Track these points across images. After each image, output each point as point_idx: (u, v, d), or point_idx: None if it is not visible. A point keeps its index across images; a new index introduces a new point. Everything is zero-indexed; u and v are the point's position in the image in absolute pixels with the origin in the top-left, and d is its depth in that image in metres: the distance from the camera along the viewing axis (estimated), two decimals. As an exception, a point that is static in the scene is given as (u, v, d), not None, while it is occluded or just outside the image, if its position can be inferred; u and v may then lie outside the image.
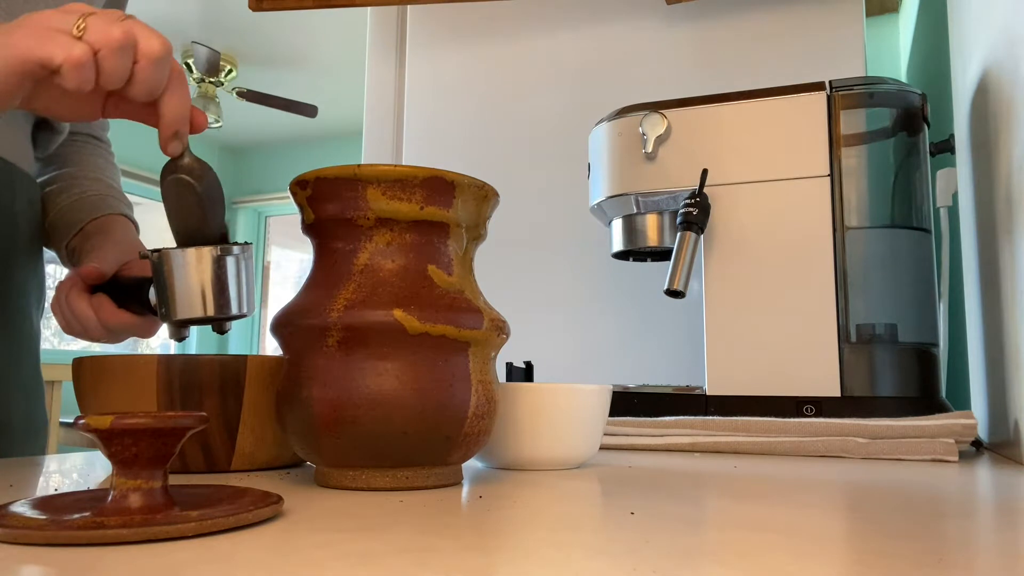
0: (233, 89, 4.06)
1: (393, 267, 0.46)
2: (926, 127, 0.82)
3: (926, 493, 0.46)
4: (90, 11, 0.55)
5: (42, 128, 0.84)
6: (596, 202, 0.92)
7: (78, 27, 0.54)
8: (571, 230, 1.23)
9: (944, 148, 0.89)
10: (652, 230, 0.90)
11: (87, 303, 0.74)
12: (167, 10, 3.51)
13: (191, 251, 0.68)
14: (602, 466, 0.61)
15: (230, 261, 0.69)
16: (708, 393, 0.81)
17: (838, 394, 0.76)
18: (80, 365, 0.55)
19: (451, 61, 1.34)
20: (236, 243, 0.71)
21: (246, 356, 0.54)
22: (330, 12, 3.59)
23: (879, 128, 0.80)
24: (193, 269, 0.67)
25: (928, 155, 0.83)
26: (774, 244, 0.81)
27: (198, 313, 0.68)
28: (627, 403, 0.85)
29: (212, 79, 4.07)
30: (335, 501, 0.41)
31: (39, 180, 0.86)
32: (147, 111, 0.59)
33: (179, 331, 0.71)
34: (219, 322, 0.71)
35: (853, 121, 0.80)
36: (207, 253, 0.67)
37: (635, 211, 0.90)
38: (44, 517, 0.32)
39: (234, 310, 0.70)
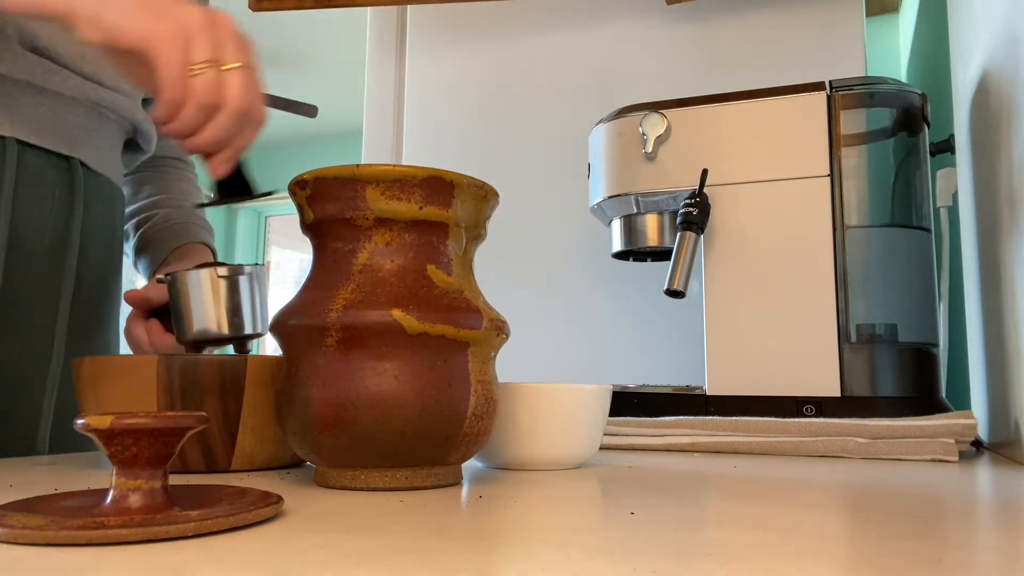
0: (233, 89, 4.05)
1: (392, 267, 0.46)
2: (926, 127, 0.82)
3: (926, 493, 0.46)
4: (215, 57, 0.58)
5: (129, 147, 0.89)
6: (596, 202, 0.92)
7: (196, 69, 0.57)
8: (571, 230, 1.23)
9: (944, 148, 0.89)
10: (652, 230, 0.90)
11: (142, 327, 0.80)
12: (167, 10, 3.51)
13: (204, 272, 0.69)
14: (602, 466, 0.61)
15: (243, 281, 0.70)
16: (708, 393, 0.81)
17: (838, 394, 0.76)
18: (80, 365, 0.55)
19: (451, 61, 1.34)
20: (248, 264, 0.72)
21: (246, 356, 0.54)
22: (330, 12, 3.59)
23: (879, 128, 0.80)
24: (206, 290, 0.69)
25: (928, 155, 0.83)
26: (774, 244, 0.81)
27: (212, 333, 0.70)
28: (627, 403, 0.85)
29: (212, 79, 4.07)
30: (335, 501, 0.41)
31: (132, 207, 0.93)
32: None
33: (196, 352, 0.72)
34: (235, 342, 0.72)
35: (853, 121, 0.80)
36: (219, 274, 0.69)
37: (635, 211, 0.90)
38: (44, 517, 0.32)
39: (248, 329, 0.72)
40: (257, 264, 0.72)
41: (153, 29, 0.56)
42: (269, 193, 0.72)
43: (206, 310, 0.69)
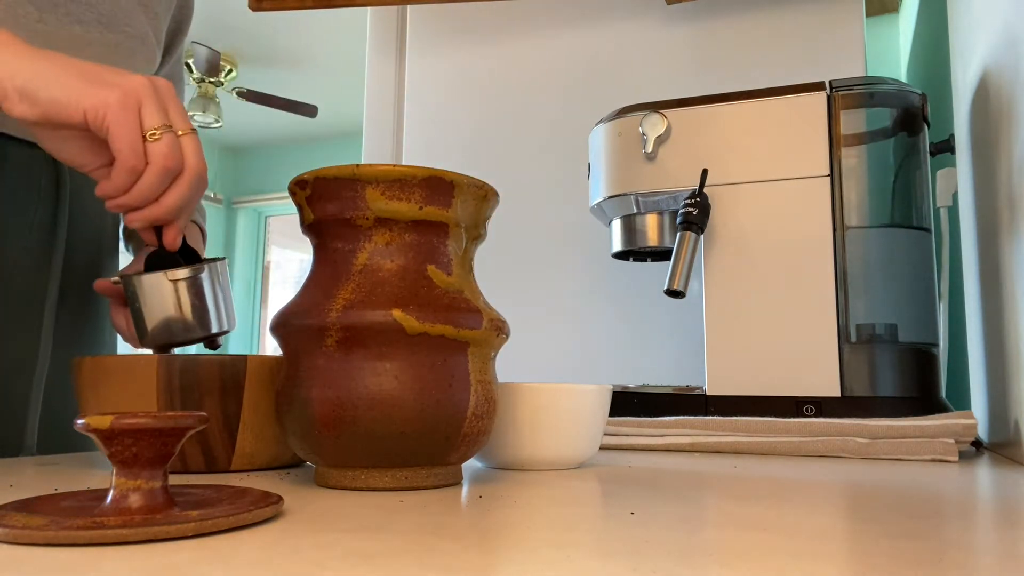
0: (233, 89, 4.06)
1: (392, 267, 0.46)
2: (926, 127, 0.82)
3: (926, 493, 0.46)
4: (167, 123, 0.57)
5: None
6: (596, 202, 0.92)
7: (152, 135, 0.56)
8: (571, 230, 1.23)
9: (944, 148, 0.89)
10: (652, 230, 0.90)
11: (122, 316, 0.79)
12: (167, 10, 3.51)
13: (157, 276, 0.64)
14: (602, 466, 0.61)
15: (203, 280, 0.65)
16: (708, 393, 0.81)
17: (838, 394, 0.76)
18: (80, 365, 0.55)
19: (451, 61, 1.34)
20: (207, 260, 0.67)
21: (246, 356, 0.54)
22: (330, 12, 3.60)
23: (879, 128, 0.80)
24: (165, 294, 0.64)
25: (928, 155, 0.83)
26: (774, 244, 0.81)
27: (177, 338, 0.65)
28: (627, 403, 0.85)
29: (212, 79, 4.08)
30: (335, 501, 0.41)
31: None
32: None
33: (163, 353, 0.69)
34: (203, 341, 0.69)
35: (853, 121, 0.80)
36: (173, 277, 0.64)
37: (635, 211, 0.90)
38: (44, 517, 0.32)
39: (214, 328, 0.67)
40: (217, 258, 0.68)
41: (99, 98, 0.54)
42: (216, 259, 0.69)
43: (165, 315, 0.65)
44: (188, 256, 0.68)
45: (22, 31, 0.69)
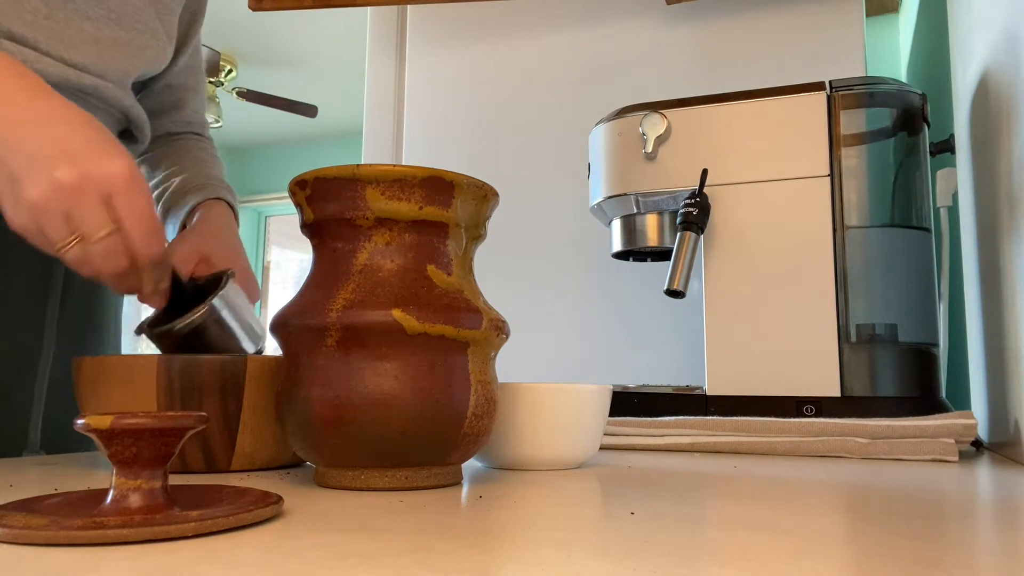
0: (233, 89, 4.06)
1: (392, 267, 0.46)
2: (926, 127, 0.82)
3: (926, 493, 0.46)
4: (77, 231, 0.57)
5: (124, 137, 0.88)
6: (596, 202, 0.92)
7: (66, 244, 0.57)
8: (571, 230, 1.23)
9: (944, 148, 0.89)
10: (652, 230, 0.90)
11: None
12: (167, 10, 3.51)
13: (179, 324, 0.65)
14: (602, 466, 0.61)
15: (219, 309, 0.66)
16: (708, 393, 0.81)
17: (838, 394, 0.76)
18: (80, 365, 0.55)
19: (451, 61, 1.34)
20: (217, 279, 0.67)
21: (246, 356, 0.54)
22: (330, 12, 3.60)
23: (879, 128, 0.80)
24: (194, 336, 0.65)
25: (928, 155, 0.83)
26: (774, 244, 0.81)
27: None
28: (627, 403, 0.85)
29: (212, 79, 4.08)
30: (335, 501, 0.41)
31: (151, 184, 0.92)
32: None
33: None
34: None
35: (853, 121, 0.80)
36: (181, 330, 0.65)
37: (635, 211, 0.90)
38: (44, 517, 0.32)
39: (249, 349, 0.68)
40: (224, 277, 0.68)
41: (16, 222, 0.57)
42: (226, 274, 0.69)
43: (206, 349, 0.66)
44: (190, 298, 0.67)
45: (29, 28, 0.69)
